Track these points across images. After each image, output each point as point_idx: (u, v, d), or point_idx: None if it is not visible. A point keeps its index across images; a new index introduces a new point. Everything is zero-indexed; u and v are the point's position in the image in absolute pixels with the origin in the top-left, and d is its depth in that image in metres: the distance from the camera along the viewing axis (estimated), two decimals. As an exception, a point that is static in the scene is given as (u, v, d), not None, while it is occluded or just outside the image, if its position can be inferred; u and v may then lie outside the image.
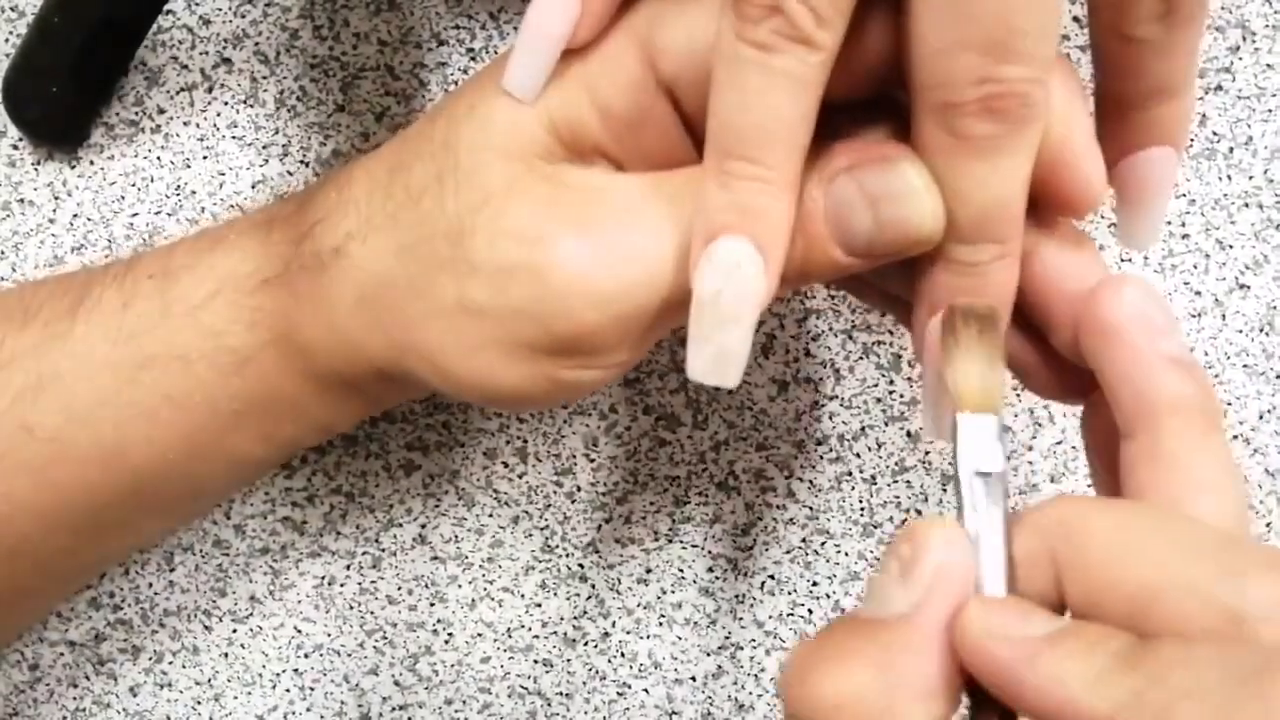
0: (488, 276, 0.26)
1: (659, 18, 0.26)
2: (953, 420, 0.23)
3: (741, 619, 0.41)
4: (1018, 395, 0.39)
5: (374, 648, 0.41)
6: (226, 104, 0.38)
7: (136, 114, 0.38)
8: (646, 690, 0.41)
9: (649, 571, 0.41)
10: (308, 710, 0.42)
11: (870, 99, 0.27)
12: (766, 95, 0.23)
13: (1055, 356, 0.27)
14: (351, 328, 0.28)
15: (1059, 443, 0.39)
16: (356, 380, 0.29)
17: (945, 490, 0.40)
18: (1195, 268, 0.38)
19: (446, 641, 0.41)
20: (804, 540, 0.40)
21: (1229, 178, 0.37)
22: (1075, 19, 0.37)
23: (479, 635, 0.41)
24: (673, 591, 0.41)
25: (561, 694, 0.42)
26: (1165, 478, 0.23)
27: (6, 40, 0.38)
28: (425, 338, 0.27)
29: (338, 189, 0.29)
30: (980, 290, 0.25)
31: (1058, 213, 0.26)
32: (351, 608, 0.41)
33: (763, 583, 0.41)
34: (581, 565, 0.41)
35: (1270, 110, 0.37)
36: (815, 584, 0.40)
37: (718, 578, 0.41)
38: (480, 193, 0.26)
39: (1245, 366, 0.38)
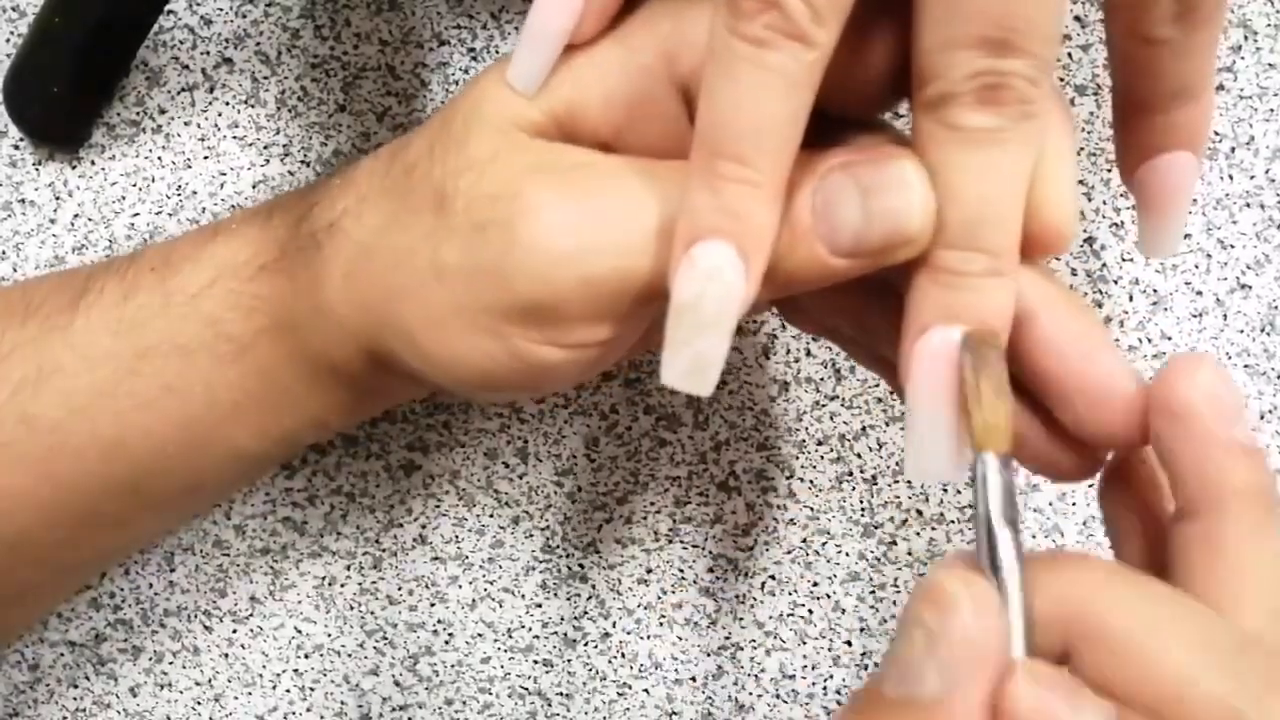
0: (462, 237, 0.26)
1: (684, 15, 0.26)
2: (975, 460, 0.22)
3: (742, 619, 0.41)
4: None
5: (374, 648, 0.41)
6: (228, 104, 0.38)
7: (137, 114, 0.38)
8: (647, 690, 0.41)
9: (649, 572, 0.41)
10: (308, 710, 0.42)
11: (876, 124, 0.27)
12: (758, 93, 0.22)
13: (1054, 428, 0.26)
14: (338, 305, 0.28)
15: (1060, 443, 0.39)
16: (346, 366, 0.29)
17: (946, 490, 0.40)
18: (1197, 267, 0.38)
19: (447, 642, 0.41)
20: (805, 540, 0.40)
21: (1230, 177, 0.37)
22: (1077, 19, 0.37)
23: (479, 635, 0.41)
24: (673, 592, 0.41)
25: (562, 694, 0.42)
26: (1220, 563, 0.23)
27: (7, 40, 0.38)
28: (400, 310, 0.27)
29: (343, 175, 0.29)
30: (972, 310, 0.23)
31: (1025, 249, 0.25)
32: (352, 608, 0.41)
33: (763, 583, 0.40)
34: (582, 565, 0.41)
35: (1272, 110, 0.37)
36: (816, 584, 0.40)
37: (718, 578, 0.41)
38: (465, 160, 0.26)
39: (1247, 366, 0.38)
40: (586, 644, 0.41)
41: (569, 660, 0.41)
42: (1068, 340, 0.25)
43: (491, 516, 0.40)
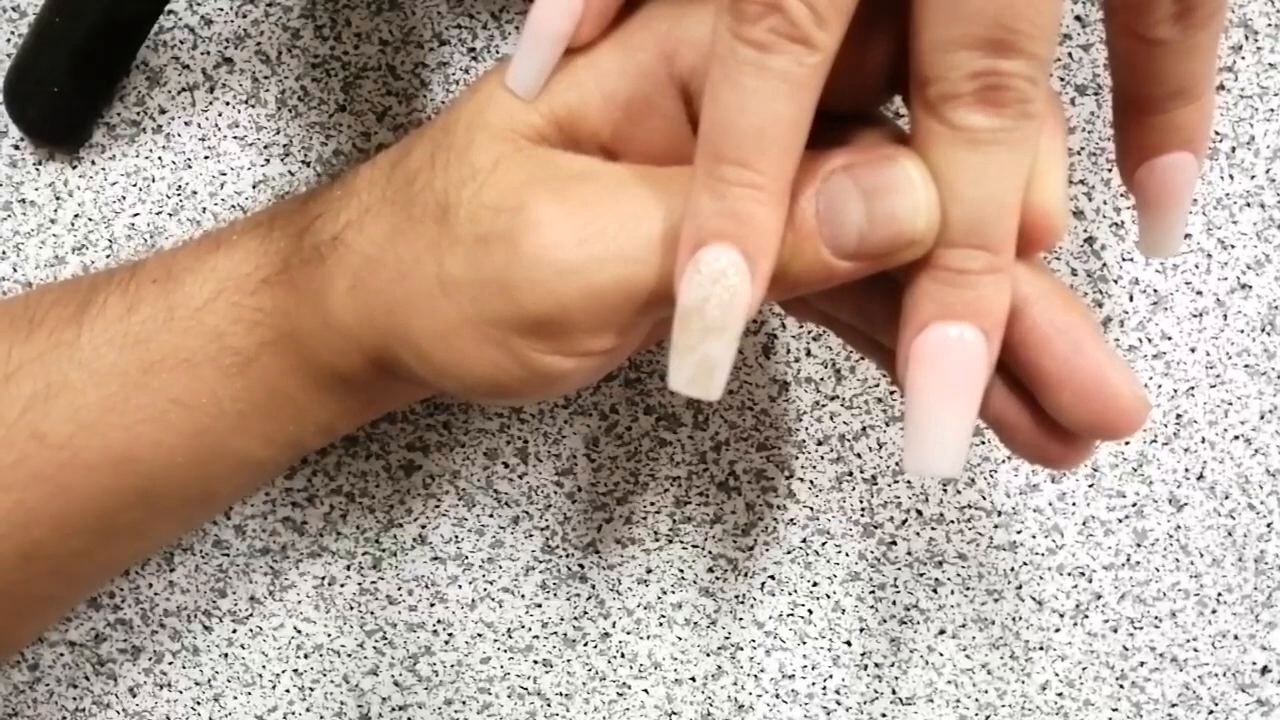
0: (465, 249, 0.26)
1: (682, 14, 0.26)
2: None
3: (741, 619, 0.41)
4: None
5: (374, 648, 0.41)
6: (228, 104, 0.38)
7: (138, 114, 0.38)
8: (646, 690, 0.41)
9: (649, 572, 0.41)
10: (307, 710, 0.42)
11: (873, 118, 0.27)
12: (762, 96, 0.22)
13: (1044, 418, 0.26)
14: (343, 317, 0.28)
15: (1060, 443, 0.39)
16: (352, 376, 0.29)
17: (945, 490, 0.40)
18: (1197, 267, 0.38)
19: (446, 642, 0.41)
20: (804, 540, 0.40)
21: (1231, 177, 0.37)
22: (1077, 18, 0.37)
23: (479, 635, 0.41)
24: (673, 592, 0.41)
25: (561, 694, 0.42)
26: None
27: (8, 40, 0.38)
28: (407, 321, 0.27)
29: (343, 184, 0.29)
30: (970, 307, 0.24)
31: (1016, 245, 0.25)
32: (351, 608, 0.41)
33: (763, 583, 0.40)
34: (582, 565, 0.41)
35: (1272, 110, 0.37)
36: (815, 584, 0.40)
37: (718, 578, 0.41)
38: (468, 169, 0.26)
39: (1247, 366, 0.38)
40: (586, 644, 0.41)
41: (569, 660, 0.41)
42: (1057, 332, 0.25)
43: (491, 516, 0.40)
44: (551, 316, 0.25)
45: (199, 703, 0.42)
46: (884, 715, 0.41)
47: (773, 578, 0.40)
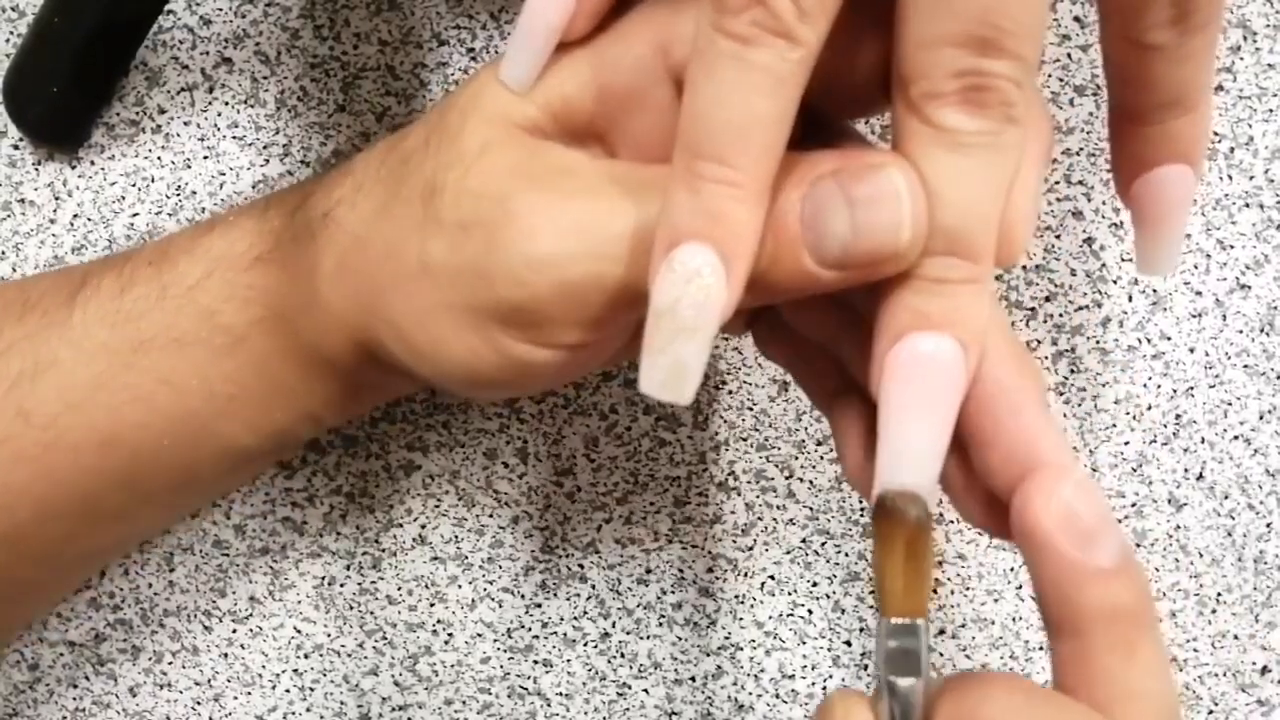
0: (447, 234, 0.26)
1: (680, 8, 0.26)
2: (880, 623, 0.23)
3: (741, 619, 0.41)
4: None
5: (374, 648, 0.41)
6: (227, 104, 0.38)
7: (137, 114, 0.38)
8: (646, 690, 0.41)
9: (649, 572, 0.41)
10: (307, 710, 0.42)
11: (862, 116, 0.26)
12: (742, 91, 0.22)
13: (973, 477, 0.25)
14: (330, 296, 0.28)
15: (1059, 443, 0.39)
16: (337, 358, 0.29)
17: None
18: (1196, 268, 0.38)
19: (446, 642, 0.41)
20: (804, 540, 0.40)
21: (1230, 178, 0.37)
22: (1076, 19, 0.37)
23: (479, 635, 0.41)
24: (673, 592, 0.41)
25: (562, 694, 0.42)
26: (1094, 689, 0.23)
27: (7, 40, 0.38)
28: (389, 302, 0.27)
29: (339, 168, 0.29)
30: (947, 317, 0.23)
31: None
32: (351, 608, 0.41)
33: (763, 583, 0.41)
34: (581, 565, 0.41)
35: (1271, 110, 0.37)
36: (815, 584, 0.40)
37: (718, 578, 0.41)
38: (456, 153, 0.26)
39: (1246, 366, 0.38)
40: (586, 644, 0.41)
41: (569, 660, 0.41)
42: (1001, 391, 0.24)
43: (491, 516, 0.40)
44: (525, 306, 0.25)
45: (199, 703, 0.42)
46: (883, 715, 0.41)
47: (772, 578, 0.40)
